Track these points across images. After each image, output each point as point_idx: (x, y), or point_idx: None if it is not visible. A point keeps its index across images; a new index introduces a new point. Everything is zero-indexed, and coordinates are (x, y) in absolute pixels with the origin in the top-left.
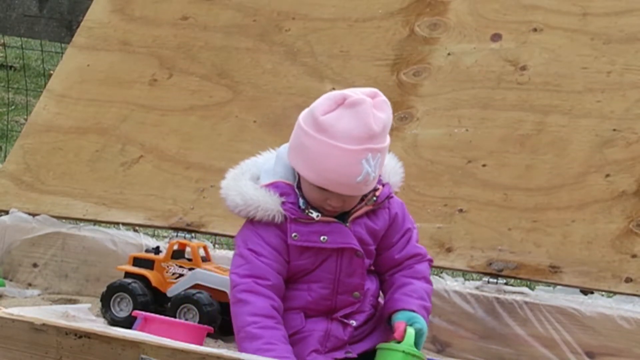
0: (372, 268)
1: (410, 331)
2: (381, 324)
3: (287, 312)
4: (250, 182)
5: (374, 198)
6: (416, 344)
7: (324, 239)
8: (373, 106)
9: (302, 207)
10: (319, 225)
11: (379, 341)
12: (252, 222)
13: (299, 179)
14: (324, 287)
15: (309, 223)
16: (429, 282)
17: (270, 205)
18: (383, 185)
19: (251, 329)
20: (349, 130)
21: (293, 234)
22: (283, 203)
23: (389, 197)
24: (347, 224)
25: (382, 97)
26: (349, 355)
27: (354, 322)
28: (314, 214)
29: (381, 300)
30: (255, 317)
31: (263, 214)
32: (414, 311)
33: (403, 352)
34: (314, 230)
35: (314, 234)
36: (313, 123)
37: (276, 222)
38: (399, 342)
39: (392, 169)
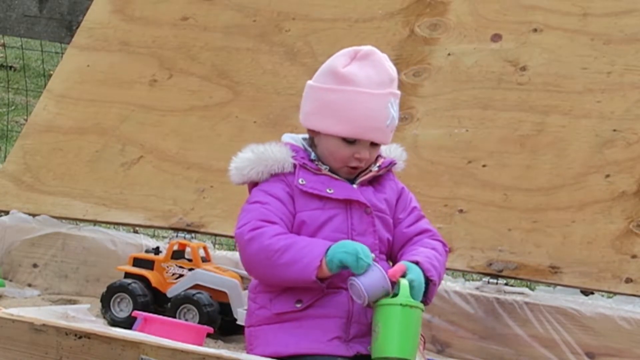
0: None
1: (404, 283)
2: None
3: None
4: None
5: (378, 165)
6: (412, 296)
7: (329, 189)
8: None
9: (313, 159)
10: (326, 178)
11: None
12: (257, 185)
13: (309, 141)
14: None
15: (317, 174)
16: (440, 253)
17: (282, 155)
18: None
19: (277, 246)
20: (372, 77)
21: (300, 179)
22: (294, 157)
23: (392, 163)
24: (354, 185)
25: (382, 53)
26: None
27: None
28: (323, 167)
29: None
30: (272, 238)
31: (273, 163)
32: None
33: (400, 305)
34: (321, 180)
35: (320, 183)
36: (334, 78)
37: (284, 172)
38: (395, 295)
39: (393, 149)
